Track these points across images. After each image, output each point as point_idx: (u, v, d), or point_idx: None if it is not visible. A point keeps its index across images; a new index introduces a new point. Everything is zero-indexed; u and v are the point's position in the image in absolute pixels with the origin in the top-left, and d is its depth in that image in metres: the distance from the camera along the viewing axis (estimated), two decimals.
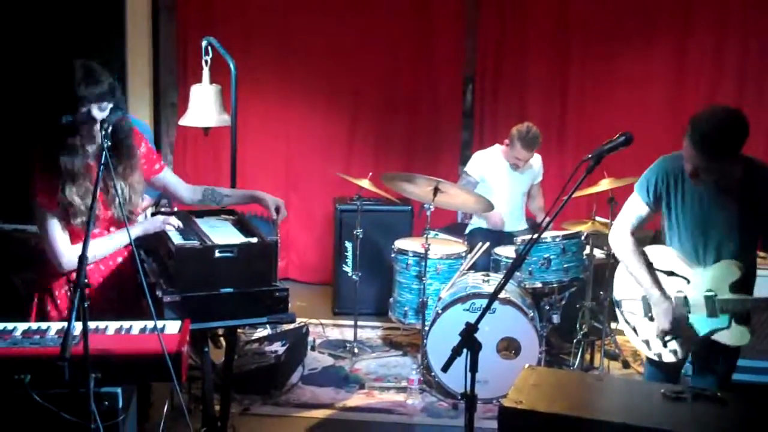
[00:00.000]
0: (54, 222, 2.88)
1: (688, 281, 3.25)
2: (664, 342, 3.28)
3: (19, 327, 2.64)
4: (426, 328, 4.57)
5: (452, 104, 6.41)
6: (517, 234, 5.11)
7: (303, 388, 4.61)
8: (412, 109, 6.41)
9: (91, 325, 2.56)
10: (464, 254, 4.96)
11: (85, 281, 2.29)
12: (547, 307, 4.71)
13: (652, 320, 3.31)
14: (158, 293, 2.81)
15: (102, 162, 2.53)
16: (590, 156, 2.60)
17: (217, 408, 3.36)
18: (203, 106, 4.02)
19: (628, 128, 2.69)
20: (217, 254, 2.87)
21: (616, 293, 3.52)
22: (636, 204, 3.34)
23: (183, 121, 4.20)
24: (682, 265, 3.27)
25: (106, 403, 2.44)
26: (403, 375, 4.77)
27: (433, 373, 4.54)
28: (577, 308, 4.94)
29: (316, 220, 6.52)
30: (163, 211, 3.85)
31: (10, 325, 2.64)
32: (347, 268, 5.77)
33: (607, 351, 4.89)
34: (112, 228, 3.01)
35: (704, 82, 6.08)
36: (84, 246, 2.38)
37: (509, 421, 2.49)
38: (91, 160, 2.91)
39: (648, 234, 3.58)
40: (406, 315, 4.99)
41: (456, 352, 2.38)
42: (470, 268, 4.86)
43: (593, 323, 4.94)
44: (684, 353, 3.29)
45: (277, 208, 3.31)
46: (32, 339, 2.54)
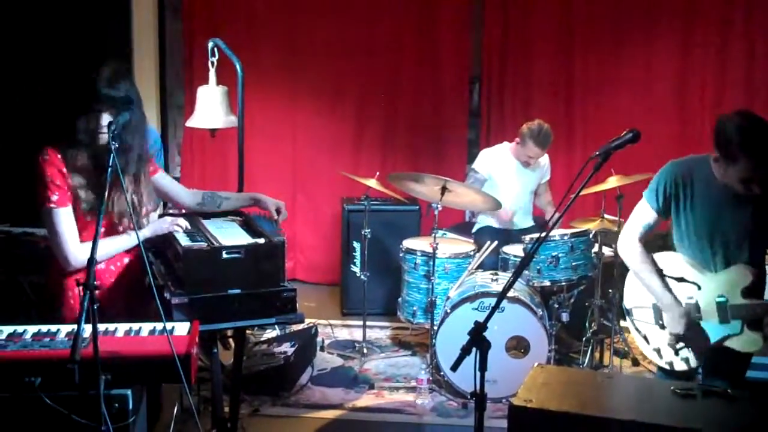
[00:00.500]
0: (64, 219, 2.90)
1: (699, 287, 3.22)
2: (675, 350, 3.25)
3: (30, 330, 2.65)
4: (435, 328, 4.57)
5: (458, 103, 6.41)
6: (524, 231, 5.11)
7: (312, 389, 4.61)
8: (419, 108, 6.41)
9: (101, 328, 2.57)
10: (472, 253, 4.95)
11: (95, 283, 2.29)
12: (556, 306, 4.70)
13: (663, 328, 3.29)
14: (166, 295, 2.81)
15: (109, 164, 2.56)
16: (598, 153, 2.58)
17: (226, 409, 3.36)
18: (210, 107, 4.02)
19: (633, 125, 2.66)
20: (225, 255, 2.87)
21: (627, 301, 3.49)
22: (645, 211, 3.30)
23: (190, 123, 4.20)
24: (692, 271, 3.25)
25: (117, 405, 2.44)
26: (412, 375, 4.76)
27: (442, 373, 4.53)
28: (586, 306, 4.92)
29: (324, 220, 6.52)
30: (170, 213, 3.86)
31: (21, 328, 2.65)
32: (355, 268, 5.76)
33: (617, 349, 4.88)
34: (120, 228, 3.02)
35: (709, 79, 6.07)
36: (93, 248, 2.39)
37: (519, 420, 2.48)
38: (102, 160, 2.93)
39: (656, 241, 3.55)
40: (415, 315, 4.98)
41: (465, 352, 2.37)
42: (478, 267, 4.85)
43: (602, 321, 4.93)
44: (696, 361, 3.25)
45: (278, 210, 3.32)
46: (42, 342, 2.54)
